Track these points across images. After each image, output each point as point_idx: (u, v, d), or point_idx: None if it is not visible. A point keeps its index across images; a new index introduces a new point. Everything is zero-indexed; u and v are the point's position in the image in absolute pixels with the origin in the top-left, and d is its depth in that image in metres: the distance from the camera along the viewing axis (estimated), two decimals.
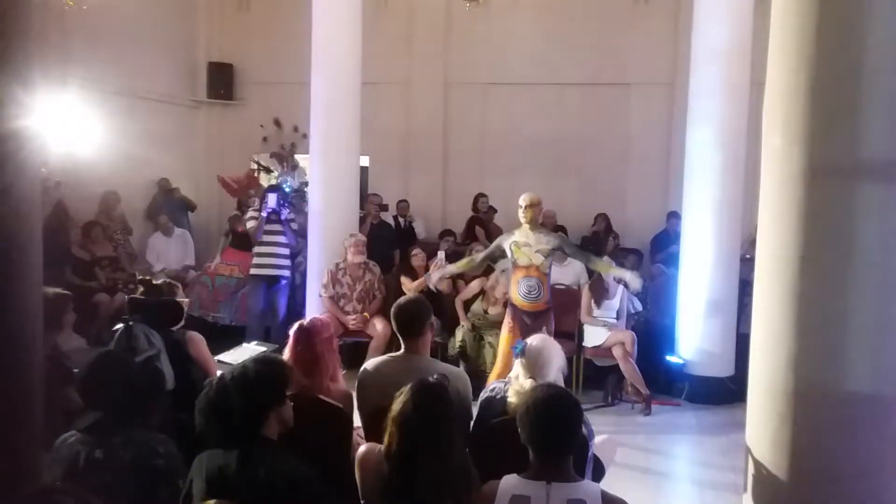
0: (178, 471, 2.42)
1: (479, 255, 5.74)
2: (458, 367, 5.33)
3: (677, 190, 7.37)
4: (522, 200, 5.39)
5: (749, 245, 7.37)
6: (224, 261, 7.89)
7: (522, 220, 5.37)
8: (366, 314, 6.60)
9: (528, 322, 5.31)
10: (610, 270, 5.75)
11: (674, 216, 8.11)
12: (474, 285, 6.66)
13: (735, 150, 6.37)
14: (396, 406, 2.39)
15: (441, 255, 6.28)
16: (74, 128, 7.40)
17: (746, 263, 6.78)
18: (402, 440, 2.34)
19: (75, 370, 2.95)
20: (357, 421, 3.23)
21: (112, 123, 7.89)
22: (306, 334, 3.17)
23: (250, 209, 7.54)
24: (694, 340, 6.49)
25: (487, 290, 6.58)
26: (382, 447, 2.45)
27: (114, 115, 8.01)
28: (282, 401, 2.39)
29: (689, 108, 6.64)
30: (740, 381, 5.83)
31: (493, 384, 3.32)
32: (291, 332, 3.23)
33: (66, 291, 3.86)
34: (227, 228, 8.51)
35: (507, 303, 6.51)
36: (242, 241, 7.79)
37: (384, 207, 8.70)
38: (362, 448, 2.56)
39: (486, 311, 6.48)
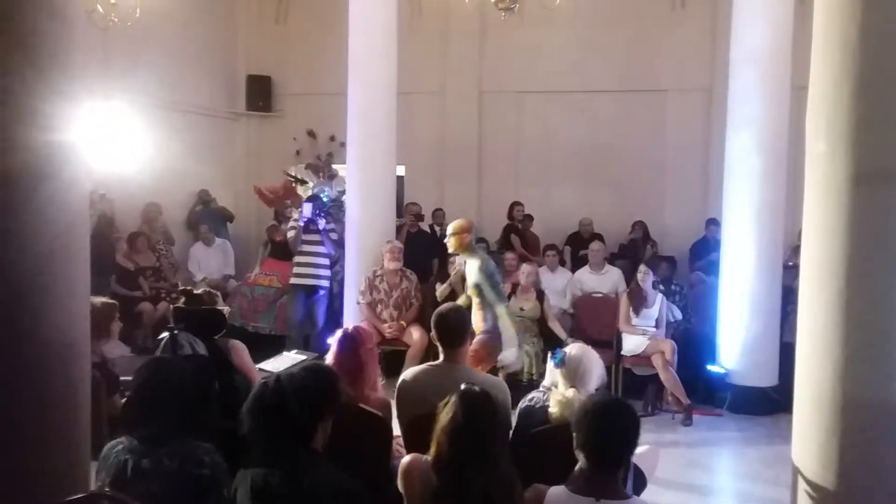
0: (224, 480, 2.41)
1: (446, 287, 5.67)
2: (499, 377, 5.31)
3: (716, 196, 7.27)
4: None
5: (792, 252, 7.23)
6: (263, 271, 8.00)
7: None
8: (402, 322, 6.62)
9: None
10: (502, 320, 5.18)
11: (713, 223, 8.00)
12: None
13: (776, 155, 6.26)
14: (445, 416, 2.38)
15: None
16: (118, 140, 7.60)
17: (789, 271, 6.66)
18: (454, 450, 2.32)
19: (123, 378, 2.99)
20: (396, 430, 3.24)
21: (154, 136, 8.09)
22: (352, 342, 3.18)
23: (291, 219, 7.64)
24: (736, 349, 6.37)
25: (519, 284, 6.57)
26: (428, 458, 2.43)
27: (155, 127, 8.20)
28: (333, 413, 2.38)
29: (728, 114, 6.55)
30: (784, 391, 5.73)
31: (531, 394, 3.31)
32: (335, 339, 3.25)
33: (113, 301, 3.95)
34: (266, 238, 8.63)
35: (540, 294, 6.53)
36: (281, 251, 7.89)
37: (420, 217, 8.74)
38: (406, 459, 2.55)
39: (521, 309, 6.42)
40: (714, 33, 8.85)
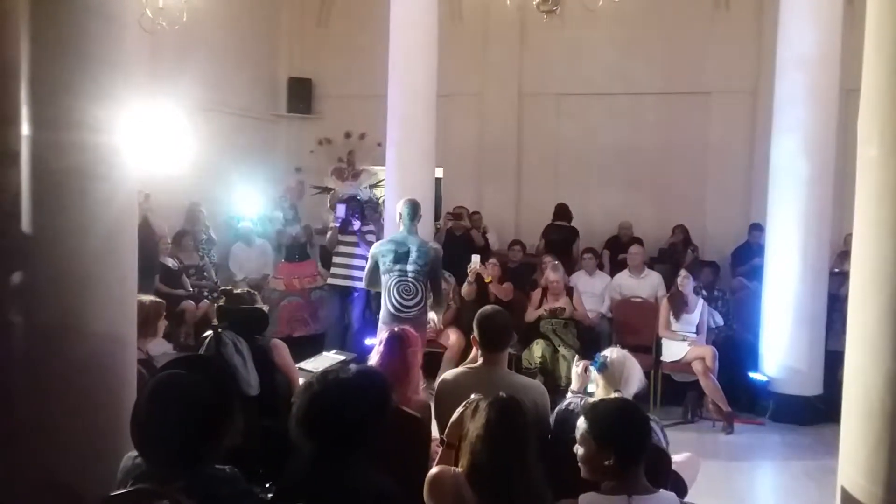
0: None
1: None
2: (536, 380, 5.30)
3: (760, 201, 7.15)
4: None
5: (837, 258, 7.08)
6: (275, 274, 8.13)
7: None
8: (439, 325, 6.63)
9: None
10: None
11: (756, 228, 7.86)
12: (535, 298, 6.64)
13: (823, 160, 6.13)
14: (477, 424, 2.35)
15: (476, 258, 6.44)
16: (163, 141, 7.75)
17: (835, 277, 6.52)
18: (494, 461, 2.29)
19: None
20: (434, 432, 3.24)
21: (197, 137, 8.23)
22: (400, 345, 3.19)
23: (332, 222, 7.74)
24: (779, 357, 6.25)
25: (547, 286, 6.55)
26: (457, 469, 2.39)
27: (199, 129, 8.34)
28: (383, 421, 2.32)
29: (774, 117, 6.43)
30: (829, 400, 5.61)
31: (568, 399, 3.29)
32: (382, 340, 3.26)
33: (160, 299, 4.04)
34: (276, 242, 8.73)
35: (569, 291, 6.49)
36: (290, 254, 8.05)
37: (460, 217, 8.76)
38: (434, 471, 2.49)
39: (555, 309, 6.40)
40: (759, 34, 8.70)
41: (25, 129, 2.84)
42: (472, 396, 2.65)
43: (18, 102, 2.86)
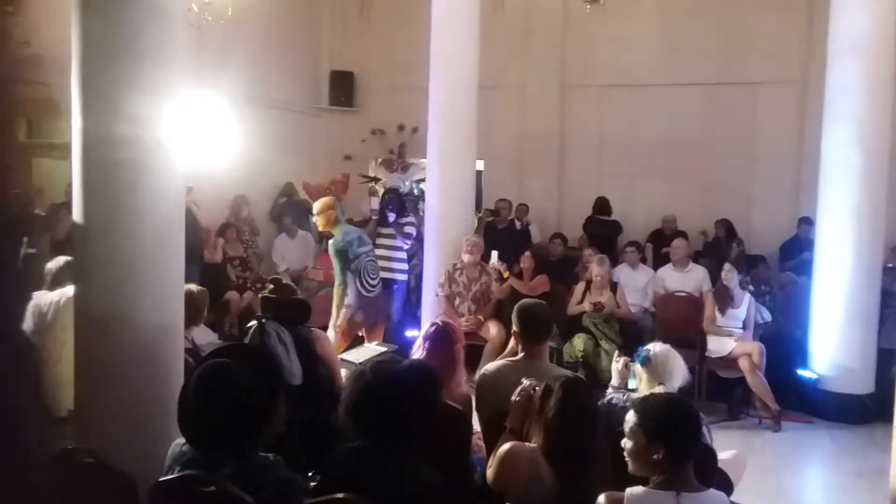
0: (291, 491, 2.24)
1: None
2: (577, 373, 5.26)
3: (809, 194, 6.97)
4: None
5: (891, 253, 6.87)
6: (315, 265, 8.19)
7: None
8: (480, 317, 6.62)
9: None
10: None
11: (805, 222, 7.67)
12: (578, 291, 6.57)
13: (877, 151, 5.94)
14: (552, 403, 2.45)
15: (494, 255, 6.46)
16: (206, 134, 7.88)
17: (889, 272, 6.33)
18: (568, 434, 2.43)
19: None
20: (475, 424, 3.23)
21: (241, 130, 8.34)
22: (447, 339, 3.20)
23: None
24: (829, 354, 6.08)
25: (591, 279, 6.49)
26: (531, 445, 2.49)
27: (242, 122, 8.46)
28: (432, 415, 2.37)
29: (825, 107, 6.24)
30: (881, 399, 5.44)
31: (609, 394, 3.26)
32: (427, 333, 3.26)
33: (204, 288, 4.11)
34: (317, 234, 8.80)
35: (613, 286, 6.42)
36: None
37: (497, 212, 8.74)
38: (507, 446, 2.56)
39: (597, 304, 6.34)
40: (811, 22, 8.46)
41: (77, 121, 2.91)
42: (525, 382, 2.69)
43: (70, 95, 2.93)
